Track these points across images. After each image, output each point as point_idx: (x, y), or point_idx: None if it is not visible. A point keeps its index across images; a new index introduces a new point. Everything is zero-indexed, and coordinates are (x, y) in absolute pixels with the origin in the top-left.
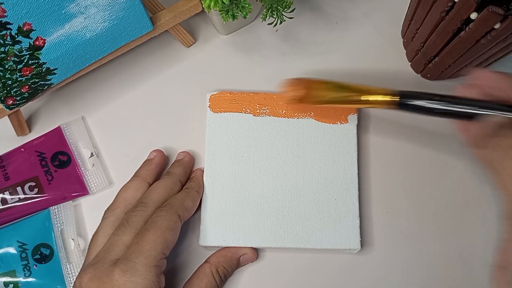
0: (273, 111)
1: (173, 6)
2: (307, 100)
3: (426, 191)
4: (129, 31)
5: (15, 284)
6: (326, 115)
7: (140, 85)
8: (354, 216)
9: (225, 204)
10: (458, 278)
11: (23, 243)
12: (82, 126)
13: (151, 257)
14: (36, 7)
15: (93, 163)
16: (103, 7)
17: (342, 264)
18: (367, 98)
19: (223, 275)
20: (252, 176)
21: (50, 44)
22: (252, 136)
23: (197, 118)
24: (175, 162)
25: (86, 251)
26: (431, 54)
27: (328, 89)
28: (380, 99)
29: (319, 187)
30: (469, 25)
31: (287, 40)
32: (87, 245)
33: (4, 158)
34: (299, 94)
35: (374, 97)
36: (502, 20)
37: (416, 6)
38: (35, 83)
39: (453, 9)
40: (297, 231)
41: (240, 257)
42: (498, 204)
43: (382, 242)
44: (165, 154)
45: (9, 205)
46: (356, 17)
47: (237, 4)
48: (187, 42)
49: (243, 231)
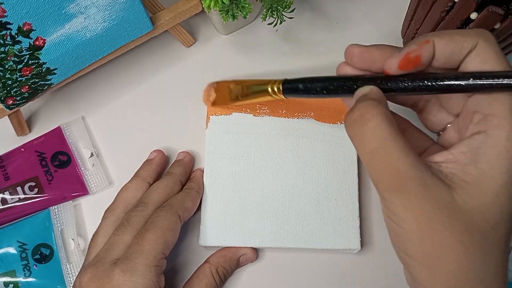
0: (273, 111)
1: (173, 6)
2: (220, 102)
3: None
4: (129, 31)
5: (15, 284)
6: (326, 115)
7: (140, 85)
8: (354, 216)
9: (225, 204)
10: None
11: (23, 243)
12: (82, 126)
13: (151, 257)
14: (36, 7)
15: (93, 163)
16: (103, 7)
17: (342, 264)
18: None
19: (222, 275)
20: (252, 176)
21: (50, 44)
22: (252, 136)
23: (197, 118)
24: (175, 162)
25: (86, 251)
26: None
27: (233, 87)
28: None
29: (319, 187)
30: (469, 25)
31: (287, 40)
32: (87, 245)
33: (4, 158)
34: (211, 98)
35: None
36: (502, 20)
37: (416, 6)
38: (35, 83)
39: (453, 9)
40: (297, 231)
41: (239, 257)
42: None
43: (382, 242)
44: (165, 154)
45: (9, 205)
46: (356, 17)
47: (237, 4)
48: (187, 42)
49: (243, 231)
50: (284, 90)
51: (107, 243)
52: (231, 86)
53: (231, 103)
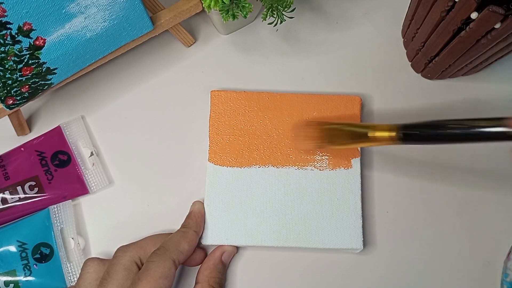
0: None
1: (173, 5)
2: (321, 145)
3: (426, 191)
4: (129, 30)
5: (16, 284)
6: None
7: (140, 85)
8: (357, 216)
9: (228, 203)
10: (458, 277)
11: (23, 243)
12: (82, 126)
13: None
14: (36, 6)
15: (93, 162)
16: (103, 7)
17: (345, 264)
18: (373, 135)
19: (217, 284)
20: (255, 175)
21: (50, 44)
22: (254, 136)
23: (197, 118)
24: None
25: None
26: (431, 53)
27: (338, 130)
28: (386, 135)
29: (322, 187)
30: (470, 25)
31: (287, 40)
32: (87, 244)
33: (4, 157)
34: (313, 141)
35: (380, 133)
36: (503, 19)
37: (417, 5)
38: (35, 82)
39: (453, 9)
40: (299, 231)
41: (221, 258)
42: (498, 203)
43: (384, 242)
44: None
45: (9, 204)
46: (356, 16)
47: (237, 3)
48: (187, 41)
49: (246, 230)
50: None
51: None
52: (338, 128)
53: (330, 146)
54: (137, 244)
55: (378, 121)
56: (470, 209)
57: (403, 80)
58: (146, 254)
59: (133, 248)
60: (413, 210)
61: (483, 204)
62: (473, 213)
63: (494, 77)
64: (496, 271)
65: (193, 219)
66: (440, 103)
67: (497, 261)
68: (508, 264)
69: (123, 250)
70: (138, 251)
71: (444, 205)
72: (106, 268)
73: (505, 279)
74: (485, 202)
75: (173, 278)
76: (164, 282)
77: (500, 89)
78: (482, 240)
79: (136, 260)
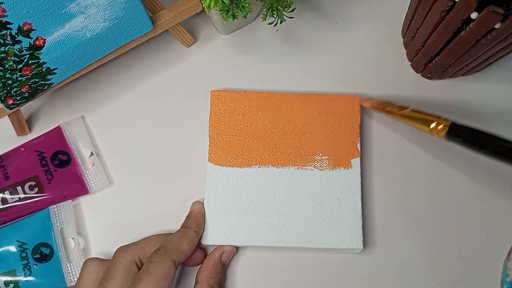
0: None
1: (173, 5)
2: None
3: (427, 191)
4: (129, 30)
5: (16, 284)
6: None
7: (140, 85)
8: (357, 216)
9: (228, 203)
10: (458, 277)
11: (23, 243)
12: (82, 126)
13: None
14: (36, 6)
15: (93, 162)
16: (103, 7)
17: (345, 264)
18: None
19: (217, 285)
20: (255, 175)
21: (50, 44)
22: (254, 136)
23: (197, 118)
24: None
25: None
26: (431, 53)
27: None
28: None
29: (322, 187)
30: (470, 25)
31: (287, 40)
32: (87, 244)
33: (4, 157)
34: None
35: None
36: (503, 19)
37: (417, 6)
38: (35, 82)
39: (453, 9)
40: (299, 231)
41: (220, 258)
42: (498, 203)
43: (384, 242)
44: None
45: (9, 204)
46: (356, 17)
47: (237, 3)
48: (187, 42)
49: (246, 230)
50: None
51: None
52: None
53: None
54: (137, 244)
55: (378, 121)
56: (470, 209)
57: (403, 80)
58: (146, 254)
59: (133, 248)
60: (413, 210)
61: (483, 204)
62: (473, 213)
63: (494, 77)
64: (496, 271)
65: (193, 219)
66: (440, 103)
67: (497, 261)
68: (508, 264)
69: (123, 250)
70: (138, 251)
71: (444, 205)
72: (106, 268)
73: (505, 279)
74: (485, 202)
75: (173, 278)
76: (164, 282)
77: (500, 89)
78: (482, 240)
79: (136, 261)
